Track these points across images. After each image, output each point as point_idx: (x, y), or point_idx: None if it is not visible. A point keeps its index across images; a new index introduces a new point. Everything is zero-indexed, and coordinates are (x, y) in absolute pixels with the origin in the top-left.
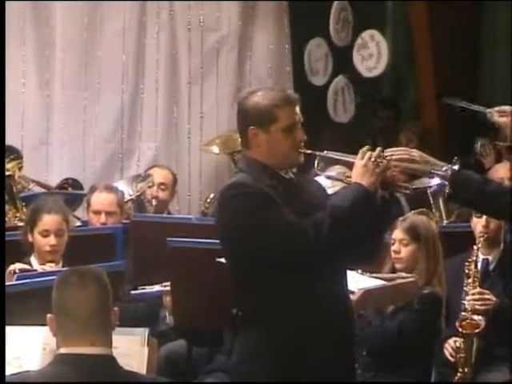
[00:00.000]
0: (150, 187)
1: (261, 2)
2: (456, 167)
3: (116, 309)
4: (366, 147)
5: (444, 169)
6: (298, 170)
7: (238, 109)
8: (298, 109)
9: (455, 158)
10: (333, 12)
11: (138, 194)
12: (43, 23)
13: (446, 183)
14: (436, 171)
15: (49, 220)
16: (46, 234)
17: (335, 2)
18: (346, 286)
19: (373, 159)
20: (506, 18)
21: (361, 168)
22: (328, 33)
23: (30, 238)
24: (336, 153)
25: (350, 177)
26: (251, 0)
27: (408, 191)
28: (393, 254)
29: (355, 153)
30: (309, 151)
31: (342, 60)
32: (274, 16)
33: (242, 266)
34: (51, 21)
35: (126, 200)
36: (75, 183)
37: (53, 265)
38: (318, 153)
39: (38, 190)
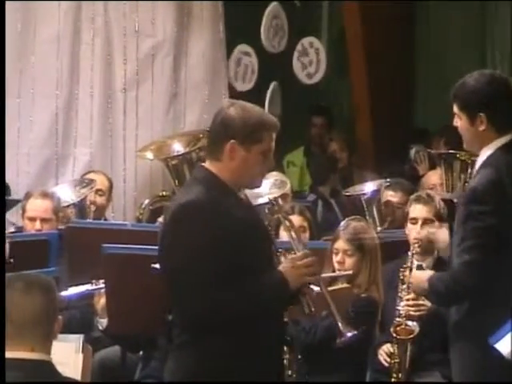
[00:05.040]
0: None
1: (196, 8)
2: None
3: (60, 317)
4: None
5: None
6: None
7: (220, 119)
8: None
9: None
10: (264, 19)
11: (80, 199)
12: None
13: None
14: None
15: None
16: None
17: (267, 10)
18: None
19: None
20: (441, 21)
21: (295, 268)
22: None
23: None
24: None
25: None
26: (186, 4)
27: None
28: (336, 264)
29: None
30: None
31: (274, 66)
32: (210, 22)
33: (178, 281)
34: None
35: (67, 205)
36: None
37: None
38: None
39: None
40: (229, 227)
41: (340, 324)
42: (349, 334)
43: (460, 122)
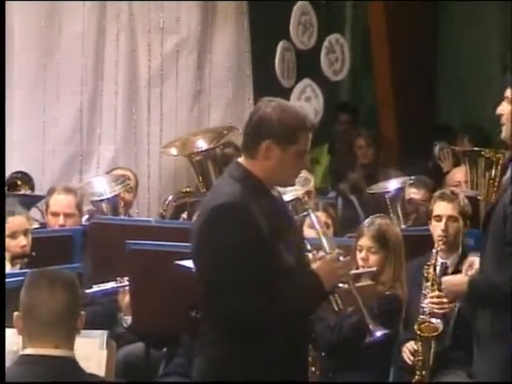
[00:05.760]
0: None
1: (221, 5)
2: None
3: (83, 313)
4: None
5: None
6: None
7: (257, 117)
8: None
9: None
10: (293, 16)
11: (113, 195)
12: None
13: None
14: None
15: (15, 222)
16: (13, 235)
17: (295, 6)
18: None
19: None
20: (464, 21)
21: (331, 268)
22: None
23: None
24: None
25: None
26: (211, 2)
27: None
28: (360, 261)
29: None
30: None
31: (304, 63)
32: (234, 19)
33: (213, 280)
34: (9, 22)
35: (100, 199)
36: (25, 177)
37: None
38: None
39: None
40: (264, 227)
41: (369, 322)
42: (378, 334)
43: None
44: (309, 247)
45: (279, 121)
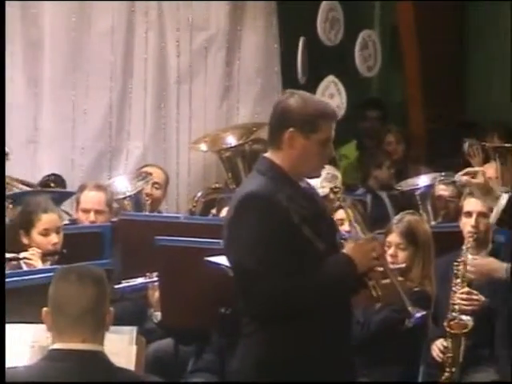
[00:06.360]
0: None
1: (249, 2)
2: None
3: (112, 309)
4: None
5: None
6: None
7: (280, 108)
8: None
9: None
10: (320, 12)
11: (136, 191)
12: (31, 22)
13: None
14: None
15: (48, 219)
16: (46, 233)
17: (323, 2)
18: None
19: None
20: (492, 17)
21: (364, 250)
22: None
23: (25, 240)
24: None
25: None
26: (240, 1)
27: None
28: (389, 258)
29: None
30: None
31: (329, 59)
32: (263, 15)
33: (245, 270)
34: (39, 20)
35: (123, 197)
36: (58, 179)
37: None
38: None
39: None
40: (293, 214)
41: (408, 305)
42: (418, 315)
43: None
44: (343, 238)
45: (300, 109)
